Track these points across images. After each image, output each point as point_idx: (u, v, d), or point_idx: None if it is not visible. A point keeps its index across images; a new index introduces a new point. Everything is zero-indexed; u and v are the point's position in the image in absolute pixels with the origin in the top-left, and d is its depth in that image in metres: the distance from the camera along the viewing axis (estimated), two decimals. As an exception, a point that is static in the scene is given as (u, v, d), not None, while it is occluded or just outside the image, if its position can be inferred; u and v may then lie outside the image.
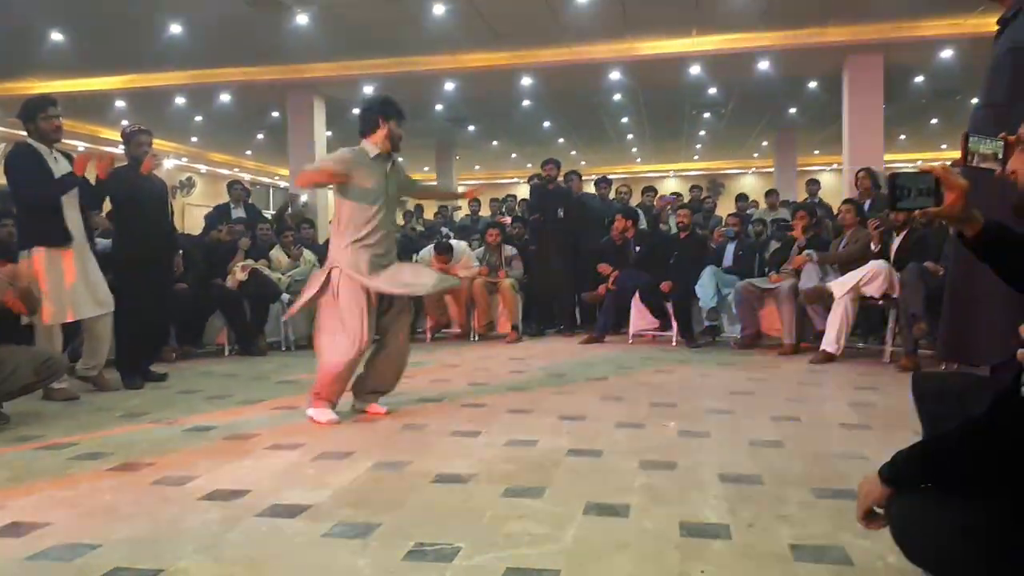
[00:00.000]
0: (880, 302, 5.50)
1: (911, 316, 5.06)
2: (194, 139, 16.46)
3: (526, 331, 7.52)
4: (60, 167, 4.59)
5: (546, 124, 15.11)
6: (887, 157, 12.20)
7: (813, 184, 10.25)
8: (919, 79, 11.30)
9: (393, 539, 2.15)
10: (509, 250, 7.68)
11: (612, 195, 8.95)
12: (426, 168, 19.89)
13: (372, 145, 3.82)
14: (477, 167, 21.93)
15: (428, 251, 7.65)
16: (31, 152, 4.50)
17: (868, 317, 6.12)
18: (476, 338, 7.36)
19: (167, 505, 2.49)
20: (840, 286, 5.53)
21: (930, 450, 1.29)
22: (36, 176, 4.45)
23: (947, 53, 9.62)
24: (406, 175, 4.15)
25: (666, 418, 3.72)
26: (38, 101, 4.64)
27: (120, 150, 5.50)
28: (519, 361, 5.83)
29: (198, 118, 13.63)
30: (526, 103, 12.84)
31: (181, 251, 5.88)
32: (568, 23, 8.64)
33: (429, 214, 13.29)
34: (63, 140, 4.76)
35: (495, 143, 17.69)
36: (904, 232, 5.57)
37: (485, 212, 11.37)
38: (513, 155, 19.57)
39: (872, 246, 5.79)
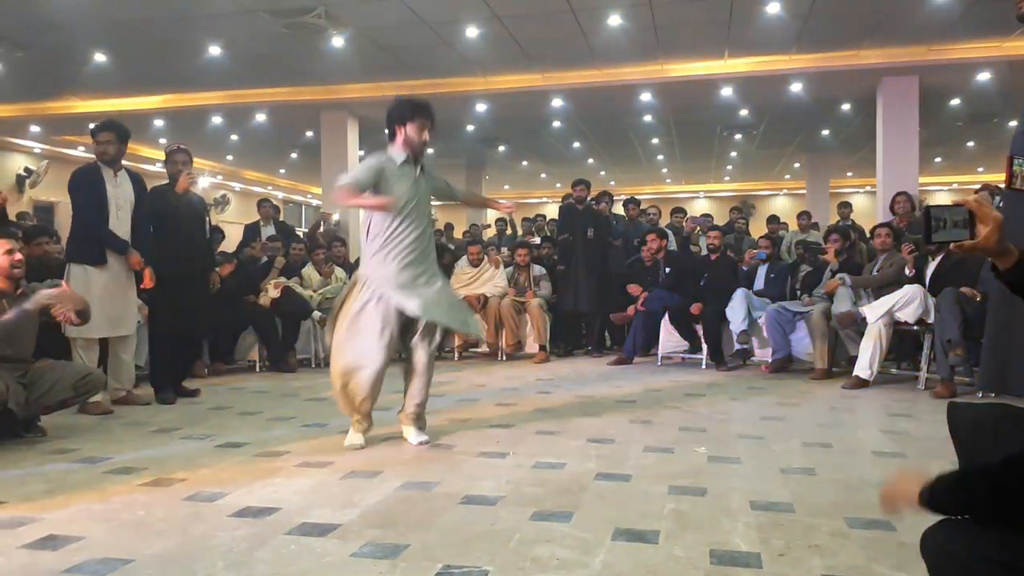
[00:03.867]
0: (915, 327, 5.42)
1: (947, 342, 4.97)
2: (229, 157, 16.72)
3: (554, 351, 7.51)
4: (121, 190, 4.76)
5: (576, 144, 15.14)
6: (922, 180, 12.04)
7: (845, 207, 10.15)
8: (955, 102, 11.16)
9: (421, 561, 2.15)
10: (538, 270, 7.70)
11: (639, 216, 8.94)
12: (456, 187, 19.96)
13: (397, 152, 3.68)
14: (507, 187, 22.01)
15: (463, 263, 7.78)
16: (92, 176, 4.69)
17: (902, 342, 6.03)
18: (504, 358, 7.36)
19: (198, 521, 2.52)
20: (874, 311, 5.45)
21: (970, 482, 1.27)
22: (91, 203, 4.65)
23: (984, 76, 9.50)
24: (444, 181, 4.02)
25: (696, 443, 3.68)
26: (96, 126, 4.83)
27: (160, 168, 5.66)
28: (547, 382, 5.82)
29: (233, 137, 13.86)
30: (556, 124, 12.89)
31: (217, 268, 5.97)
32: (600, 45, 8.68)
33: (458, 232, 13.41)
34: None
35: (525, 163, 17.75)
36: (940, 257, 5.49)
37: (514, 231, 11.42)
38: (543, 175, 19.62)
39: (907, 270, 5.72)
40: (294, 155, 16.01)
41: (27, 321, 3.87)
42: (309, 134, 13.29)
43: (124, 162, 4.95)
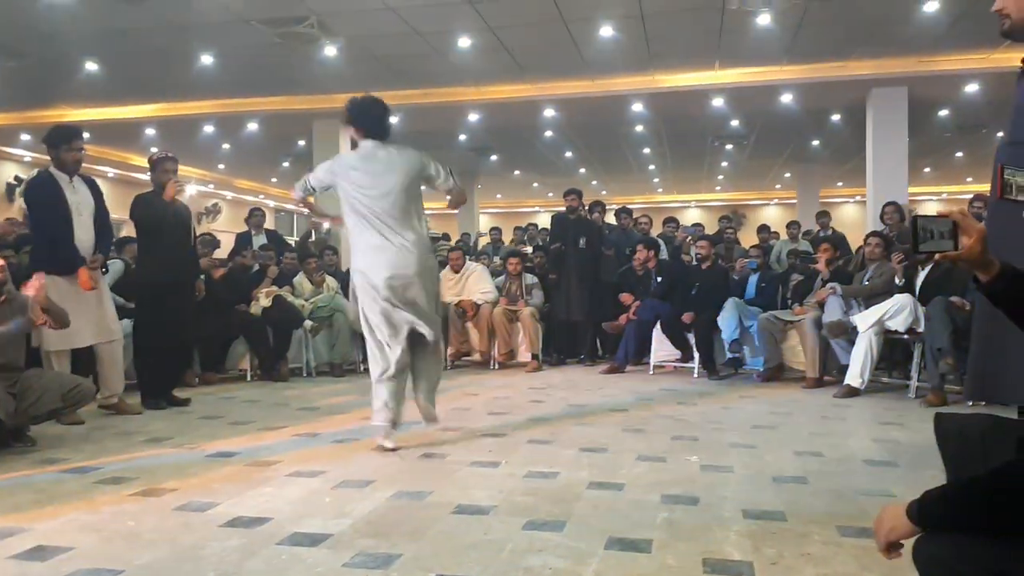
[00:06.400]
0: (905, 336, 5.45)
1: (937, 351, 5.00)
2: (221, 166, 16.69)
3: (546, 360, 7.51)
4: (79, 196, 4.71)
5: (568, 154, 15.19)
6: (911, 190, 12.12)
7: (824, 216, 10.16)
8: (944, 112, 11.25)
9: (413, 571, 2.15)
10: (529, 279, 7.70)
11: (632, 226, 8.97)
12: (448, 197, 20.02)
13: None
14: (499, 196, 22.05)
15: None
16: (49, 183, 4.63)
17: (893, 351, 6.05)
18: (496, 367, 7.36)
19: (189, 531, 2.50)
20: (864, 319, 5.48)
21: (960, 493, 1.27)
22: (54, 213, 4.59)
23: (972, 87, 9.59)
24: None
25: (688, 451, 3.69)
26: (64, 132, 4.77)
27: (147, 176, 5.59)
28: (539, 391, 5.82)
29: (225, 146, 13.84)
30: (548, 133, 12.93)
31: (202, 275, 5.94)
32: (592, 56, 8.72)
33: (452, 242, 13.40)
34: (95, 167, 4.90)
35: (517, 172, 17.79)
36: (929, 266, 5.53)
37: (508, 240, 11.44)
38: (535, 184, 19.66)
39: (896, 280, 5.75)
40: (286, 164, 15.99)
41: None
42: (301, 143, 13.28)
43: (109, 168, 4.93)
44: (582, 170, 17.02)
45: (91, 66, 9.05)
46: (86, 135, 5.06)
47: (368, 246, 3.72)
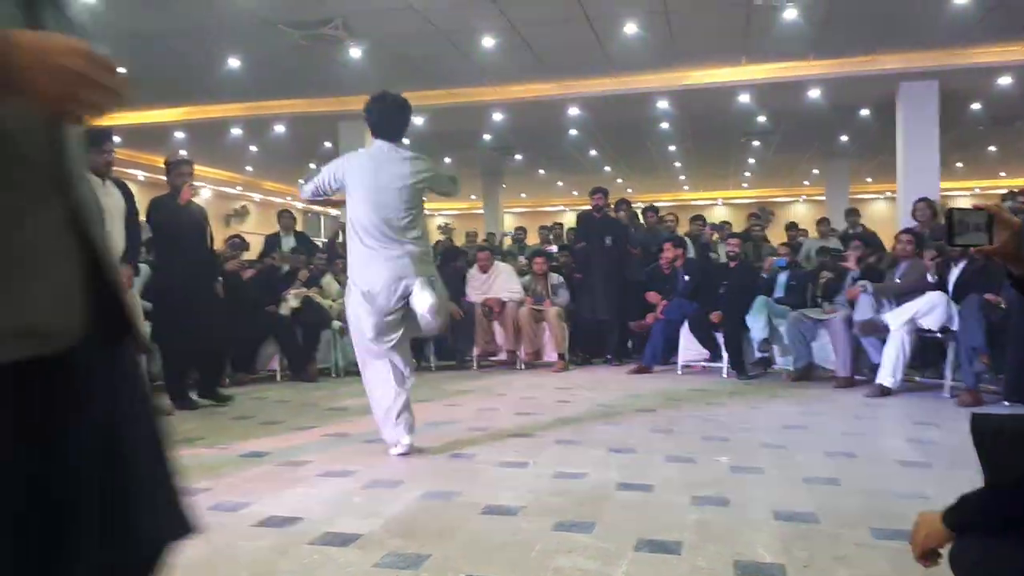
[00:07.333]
0: (939, 335, 5.36)
1: (971, 350, 4.91)
2: (249, 168, 16.87)
3: (573, 360, 7.49)
4: (111, 199, 4.74)
5: (592, 152, 15.14)
6: (943, 185, 11.92)
7: (853, 214, 10.00)
8: (976, 106, 11.05)
9: (443, 571, 2.15)
10: (555, 278, 7.69)
11: (658, 223, 8.92)
12: (473, 196, 20.07)
13: None
14: (523, 195, 22.05)
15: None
16: None
17: (926, 350, 5.96)
18: (523, 367, 7.36)
19: (222, 531, 2.53)
20: (896, 318, 5.40)
21: (998, 497, 1.25)
22: None
23: (1005, 79, 9.41)
24: None
25: (718, 452, 3.66)
26: (94, 135, 4.81)
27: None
28: (566, 391, 5.81)
29: (253, 148, 13.99)
30: (573, 132, 12.90)
31: (221, 278, 5.98)
32: (616, 53, 8.68)
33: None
34: (125, 170, 4.95)
35: (541, 172, 17.77)
36: (963, 263, 5.44)
37: (533, 240, 11.44)
38: (559, 183, 19.63)
39: (929, 277, 5.66)
40: (313, 165, 16.08)
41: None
42: (328, 145, 13.38)
43: (139, 172, 4.95)
44: (607, 168, 16.95)
45: (118, 70, 9.18)
46: (116, 139, 5.09)
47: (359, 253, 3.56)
